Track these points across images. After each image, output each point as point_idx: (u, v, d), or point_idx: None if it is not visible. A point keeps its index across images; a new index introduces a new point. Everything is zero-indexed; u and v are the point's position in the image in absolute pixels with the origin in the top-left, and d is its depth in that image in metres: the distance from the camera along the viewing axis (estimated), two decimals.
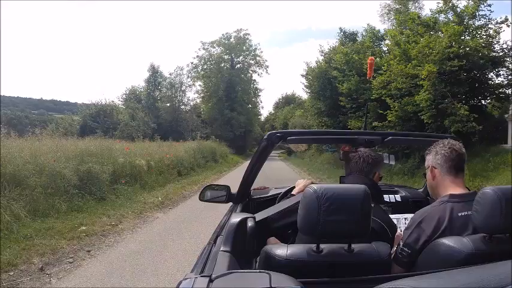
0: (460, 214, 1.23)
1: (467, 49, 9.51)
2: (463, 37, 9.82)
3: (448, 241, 1.12)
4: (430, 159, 1.42)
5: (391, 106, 10.82)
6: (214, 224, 1.81)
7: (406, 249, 1.27)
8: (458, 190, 1.32)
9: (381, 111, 11.36)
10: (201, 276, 0.85)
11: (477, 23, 9.97)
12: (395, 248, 1.40)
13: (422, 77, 9.54)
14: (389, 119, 10.85)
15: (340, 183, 1.58)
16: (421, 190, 2.44)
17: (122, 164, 8.37)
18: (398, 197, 2.27)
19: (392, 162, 2.17)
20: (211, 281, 0.81)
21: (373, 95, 11.76)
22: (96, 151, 7.60)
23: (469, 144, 9.44)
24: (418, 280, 0.75)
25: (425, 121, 9.69)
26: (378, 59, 13.44)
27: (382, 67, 11.59)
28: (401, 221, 1.78)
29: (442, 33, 9.96)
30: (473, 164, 8.78)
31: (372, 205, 1.11)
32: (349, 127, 13.62)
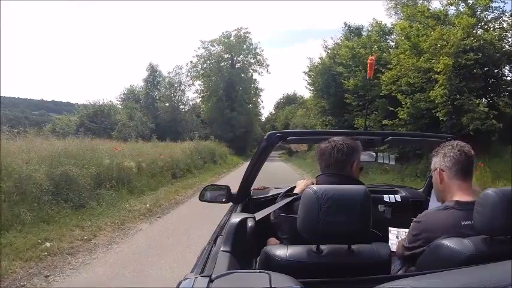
0: (463, 223, 1.19)
1: (482, 42, 8.88)
2: (475, 30, 9.22)
3: (448, 242, 1.11)
4: (437, 162, 1.37)
5: (403, 103, 10.05)
6: (206, 238, 1.62)
7: (408, 246, 1.27)
8: (464, 197, 1.27)
9: (392, 108, 10.58)
10: (201, 276, 0.85)
11: (490, 16, 9.43)
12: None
13: (438, 70, 8.81)
14: (400, 116, 10.06)
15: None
16: (421, 190, 2.41)
17: (108, 166, 7.59)
18: (398, 197, 2.26)
19: (393, 163, 2.35)
20: (211, 281, 0.80)
21: (382, 91, 10.98)
22: (76, 152, 6.81)
23: (489, 143, 8.74)
24: (418, 280, 0.76)
25: (440, 118, 8.96)
26: (384, 54, 12.75)
27: (392, 61, 10.85)
28: (402, 233, 1.73)
29: (453, 26, 9.36)
30: (493, 165, 8.10)
31: None
32: (355, 126, 12.81)
